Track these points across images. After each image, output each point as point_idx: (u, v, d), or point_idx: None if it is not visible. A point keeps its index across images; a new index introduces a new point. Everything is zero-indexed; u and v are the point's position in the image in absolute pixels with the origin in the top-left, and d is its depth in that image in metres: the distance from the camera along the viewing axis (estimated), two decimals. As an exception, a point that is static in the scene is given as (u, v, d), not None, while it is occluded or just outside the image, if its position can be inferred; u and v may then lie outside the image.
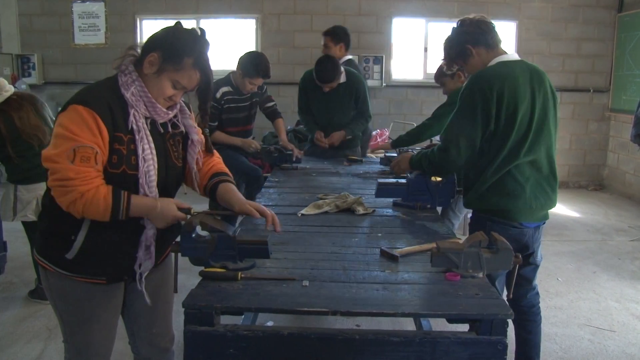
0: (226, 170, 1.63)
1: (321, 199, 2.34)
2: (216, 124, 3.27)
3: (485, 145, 1.90)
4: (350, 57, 4.03)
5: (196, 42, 1.37)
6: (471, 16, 1.99)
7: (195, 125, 1.54)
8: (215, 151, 1.68)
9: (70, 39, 6.15)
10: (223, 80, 3.31)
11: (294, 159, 3.21)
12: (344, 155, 3.52)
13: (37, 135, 2.72)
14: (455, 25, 2.02)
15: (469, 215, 3.46)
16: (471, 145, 1.88)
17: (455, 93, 2.88)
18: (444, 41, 2.07)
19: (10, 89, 2.78)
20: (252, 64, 3.17)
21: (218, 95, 3.23)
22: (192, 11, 6.02)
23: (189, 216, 1.42)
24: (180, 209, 1.40)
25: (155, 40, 1.38)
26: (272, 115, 3.60)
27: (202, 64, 1.38)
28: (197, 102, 1.46)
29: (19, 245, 3.51)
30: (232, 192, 1.52)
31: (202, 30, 1.40)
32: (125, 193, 1.33)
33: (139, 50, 1.40)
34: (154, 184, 1.39)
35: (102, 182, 1.32)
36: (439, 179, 2.19)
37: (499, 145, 1.86)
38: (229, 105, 3.28)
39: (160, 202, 1.38)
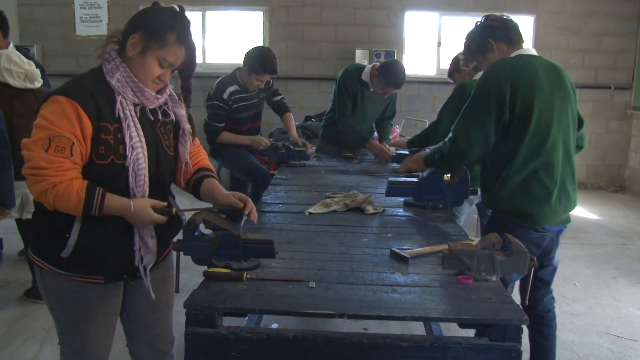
0: (211, 166, 1.63)
1: (329, 197, 2.34)
2: (223, 125, 3.26)
3: (500, 141, 1.87)
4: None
5: (176, 17, 1.38)
6: (497, 14, 1.99)
7: (186, 114, 1.53)
8: (202, 147, 1.67)
9: (72, 30, 6.14)
10: (229, 79, 3.28)
11: (308, 155, 3.19)
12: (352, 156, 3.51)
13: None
14: (479, 20, 2.02)
15: (475, 215, 3.46)
16: (484, 135, 1.85)
17: (459, 87, 2.86)
18: (466, 35, 2.06)
19: (40, 82, 2.80)
20: (259, 60, 3.15)
21: (225, 95, 3.20)
22: (198, 2, 6.02)
23: (184, 215, 1.40)
24: (157, 210, 1.38)
25: (135, 21, 1.38)
26: (281, 109, 3.57)
27: (185, 38, 1.38)
28: (179, 81, 1.46)
29: (16, 242, 3.53)
30: (216, 186, 1.53)
31: (180, 7, 1.41)
32: (100, 190, 1.32)
33: (120, 37, 1.40)
34: (144, 173, 1.38)
35: (77, 175, 1.31)
36: (449, 176, 2.18)
37: (516, 140, 1.83)
38: (238, 104, 3.26)
39: (134, 203, 1.35)
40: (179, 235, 1.46)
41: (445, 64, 6.22)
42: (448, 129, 3.10)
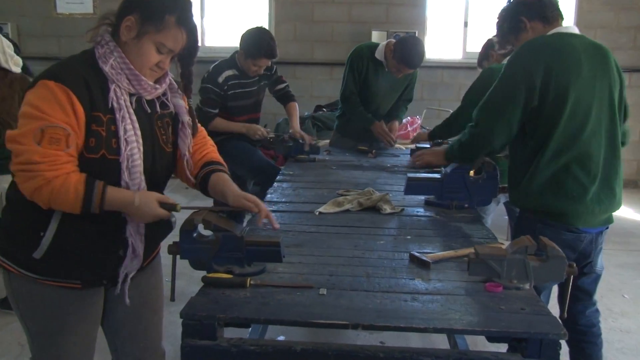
0: (221, 159, 1.62)
1: (342, 195, 2.33)
2: (216, 111, 3.25)
3: (529, 128, 1.85)
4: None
5: None
6: None
7: (186, 105, 1.53)
8: (209, 138, 1.67)
9: (52, 7, 6.02)
10: (227, 62, 3.27)
11: (306, 149, 3.20)
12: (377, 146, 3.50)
13: (11, 125, 2.75)
14: None
15: (505, 217, 3.43)
16: (507, 121, 1.84)
17: (486, 71, 2.83)
18: (497, 13, 2.03)
19: (18, 69, 2.82)
20: (254, 42, 3.12)
21: (220, 79, 3.19)
22: (197, -21, 6.03)
23: (174, 217, 1.40)
24: (162, 204, 1.37)
25: (131, 1, 1.37)
26: (284, 98, 3.56)
27: (186, 21, 1.37)
28: (179, 69, 1.46)
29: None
30: (227, 182, 1.51)
31: None
32: (101, 184, 1.31)
33: (113, 19, 1.39)
34: (138, 170, 1.37)
35: (74, 169, 1.30)
36: (475, 171, 2.16)
37: (547, 129, 1.81)
38: (234, 91, 3.24)
39: (139, 196, 1.34)
40: (175, 238, 1.47)
41: (473, 47, 6.21)
42: (467, 119, 3.08)
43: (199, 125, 1.61)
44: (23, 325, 1.49)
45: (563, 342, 1.22)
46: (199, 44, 1.44)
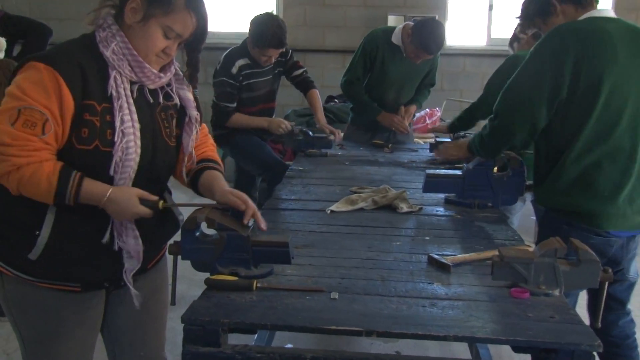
0: (217, 158, 1.62)
1: (355, 192, 2.33)
2: (234, 105, 3.22)
3: (556, 121, 1.83)
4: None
5: None
6: None
7: (193, 97, 1.52)
8: (209, 137, 1.67)
9: None
10: (238, 51, 3.25)
11: (330, 143, 3.17)
12: (394, 140, 3.48)
13: None
14: None
15: (533, 217, 3.40)
16: (530, 116, 1.81)
17: (511, 58, 2.80)
18: None
19: (1, 54, 2.84)
20: (260, 31, 3.09)
21: (234, 70, 3.16)
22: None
23: (181, 214, 1.39)
24: (143, 201, 1.36)
25: None
26: (303, 85, 3.49)
27: (196, 4, 1.36)
28: (185, 56, 1.45)
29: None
30: (216, 179, 1.51)
31: None
32: (77, 175, 1.30)
33: (117, 0, 1.38)
34: (131, 164, 1.36)
35: (48, 157, 1.29)
36: (496, 169, 2.15)
37: (577, 122, 1.79)
38: (248, 81, 3.22)
39: (115, 191, 1.33)
40: (176, 237, 1.47)
41: (498, 33, 6.15)
42: (489, 108, 3.05)
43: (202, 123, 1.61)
44: (16, 331, 1.48)
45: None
46: (208, 29, 1.43)
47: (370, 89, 3.47)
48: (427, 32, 3.13)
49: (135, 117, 1.37)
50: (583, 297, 2.00)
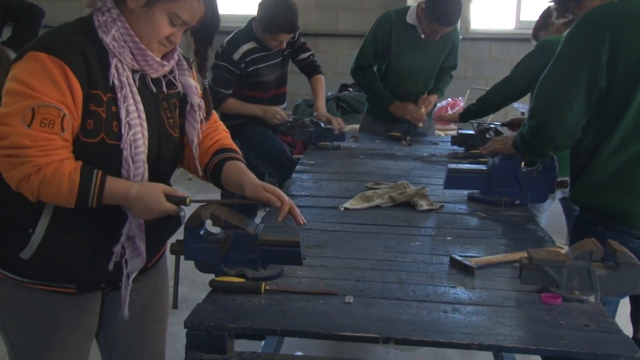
0: (234, 146, 1.61)
1: (371, 188, 2.33)
2: (229, 92, 3.24)
3: (594, 114, 1.81)
4: None
5: None
6: None
7: (197, 84, 1.53)
8: (221, 123, 1.67)
9: None
10: (243, 34, 3.25)
11: (344, 135, 3.17)
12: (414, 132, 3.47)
13: None
14: None
15: (564, 216, 3.38)
16: (569, 110, 1.79)
17: (543, 42, 2.78)
18: None
19: None
20: (270, 14, 3.09)
21: (236, 56, 3.17)
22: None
23: (183, 211, 1.39)
24: (170, 198, 1.36)
25: None
26: (308, 69, 3.50)
27: None
28: (192, 44, 1.45)
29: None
30: (243, 171, 1.50)
31: None
32: (100, 173, 1.31)
33: None
34: (142, 158, 1.37)
35: (68, 155, 1.30)
36: (524, 163, 2.13)
37: (615, 113, 1.76)
38: (256, 66, 3.23)
39: (140, 188, 1.33)
40: (178, 235, 1.48)
41: (528, 15, 6.11)
42: (512, 91, 3.03)
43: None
44: (5, 338, 1.48)
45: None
46: (219, 17, 1.42)
47: (385, 78, 3.46)
48: (441, 1, 3.09)
49: (141, 107, 1.38)
50: (624, 305, 1.98)
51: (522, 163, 2.17)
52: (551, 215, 3.06)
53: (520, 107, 4.83)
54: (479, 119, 3.30)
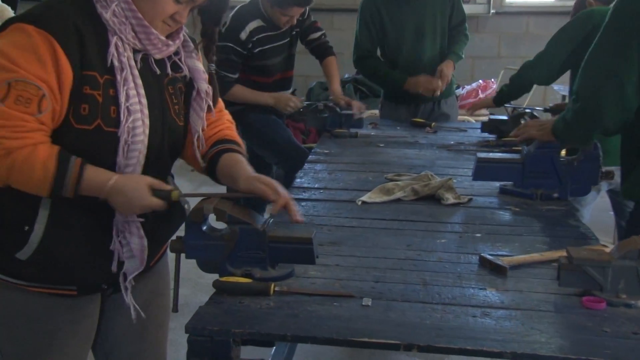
0: (237, 138, 1.61)
1: (391, 180, 2.33)
2: (236, 76, 3.23)
3: None
4: None
5: None
6: None
7: (203, 68, 1.53)
8: (226, 112, 1.68)
9: None
10: (249, 10, 3.25)
11: (356, 118, 3.17)
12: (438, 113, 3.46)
13: None
14: None
15: (611, 212, 3.35)
16: (619, 90, 1.78)
17: (585, 13, 2.75)
18: None
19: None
20: None
21: (243, 35, 3.16)
22: None
23: (187, 203, 1.39)
24: (156, 191, 1.36)
25: None
26: (320, 51, 3.51)
27: None
28: (199, 24, 1.45)
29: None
30: (239, 163, 1.50)
31: None
32: (78, 161, 1.30)
33: None
34: (138, 148, 1.37)
35: (43, 140, 1.29)
36: (564, 152, 2.12)
37: None
38: (262, 47, 3.22)
39: (122, 180, 1.33)
40: (179, 232, 1.49)
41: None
42: (548, 68, 2.99)
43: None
44: None
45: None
46: None
47: (389, 56, 3.47)
48: None
49: (142, 91, 1.38)
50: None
51: (563, 151, 2.15)
52: (596, 210, 3.02)
53: (561, 90, 4.78)
54: (514, 103, 3.27)
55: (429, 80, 3.35)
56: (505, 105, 3.26)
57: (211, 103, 1.54)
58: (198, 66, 1.51)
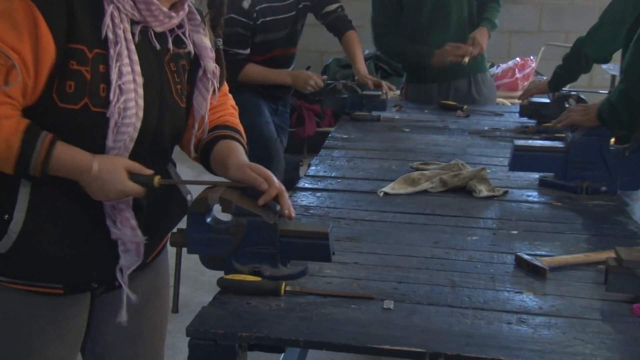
0: (238, 125, 1.62)
1: (417, 169, 2.34)
2: (247, 52, 3.19)
3: None
4: None
5: None
6: None
7: (210, 44, 1.52)
8: (230, 96, 1.68)
9: None
10: None
11: (384, 103, 3.16)
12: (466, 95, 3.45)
13: None
14: None
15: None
16: None
17: None
18: None
19: None
20: None
21: (246, 4, 3.11)
22: None
23: (189, 193, 1.38)
24: (133, 176, 1.35)
25: None
26: (337, 25, 3.46)
27: None
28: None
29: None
30: (233, 151, 1.50)
31: None
32: (47, 138, 1.29)
33: None
34: (128, 131, 1.36)
35: (10, 114, 1.27)
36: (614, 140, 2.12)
37: None
38: (264, 19, 3.19)
39: (100, 162, 1.32)
40: (182, 224, 1.49)
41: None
42: (603, 43, 2.96)
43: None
44: None
45: None
46: None
47: (410, 30, 3.45)
48: None
49: (138, 68, 1.37)
50: None
51: (612, 139, 2.14)
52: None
53: (610, 69, 4.73)
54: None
55: (455, 46, 3.32)
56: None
57: (217, 85, 1.54)
58: (205, 42, 1.51)
